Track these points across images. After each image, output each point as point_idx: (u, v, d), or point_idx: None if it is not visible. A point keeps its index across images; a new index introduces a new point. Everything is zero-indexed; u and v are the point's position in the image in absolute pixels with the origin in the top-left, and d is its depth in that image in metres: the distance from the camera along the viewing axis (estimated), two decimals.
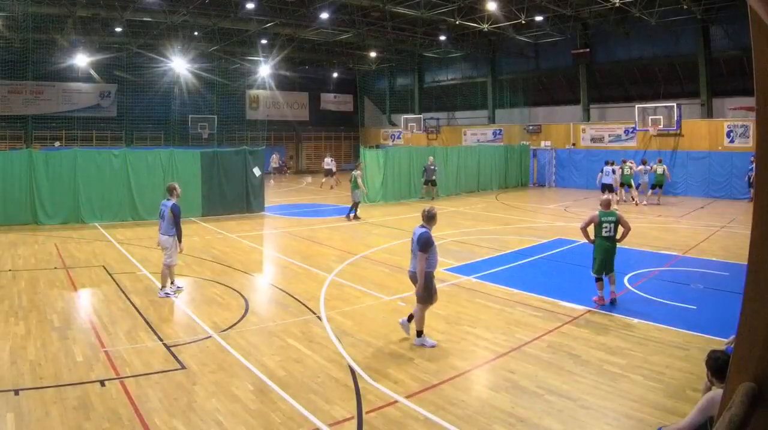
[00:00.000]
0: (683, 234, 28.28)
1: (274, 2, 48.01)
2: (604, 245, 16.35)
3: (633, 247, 24.34)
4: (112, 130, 64.67)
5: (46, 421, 9.44)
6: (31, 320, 14.54)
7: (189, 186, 32.38)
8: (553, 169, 54.45)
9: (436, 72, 70.88)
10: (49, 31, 52.50)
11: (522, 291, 17.80)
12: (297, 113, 77.46)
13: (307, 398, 10.48)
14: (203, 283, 18.84)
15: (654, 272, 20.62)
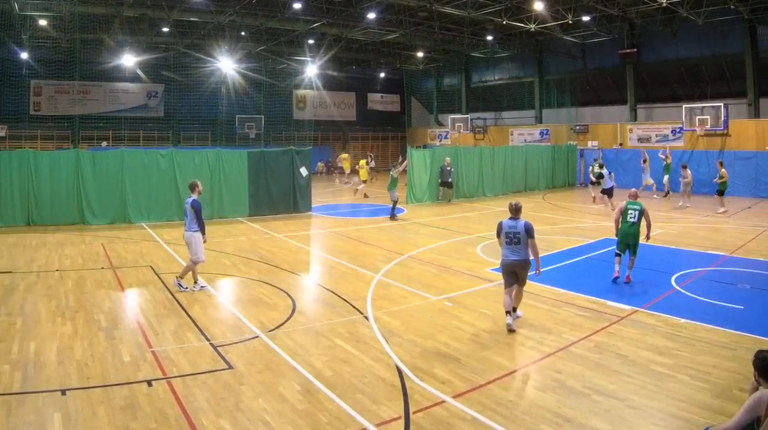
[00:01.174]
0: (730, 234, 27.94)
1: (321, 2, 48.15)
2: (626, 230, 18.81)
3: (680, 247, 24.33)
4: (159, 130, 65.27)
5: (93, 421, 9.51)
6: (78, 320, 14.67)
7: (236, 186, 32.63)
8: None
9: (483, 72, 70.57)
10: (96, 31, 52.99)
11: (569, 291, 17.77)
12: (344, 113, 77.75)
13: (354, 398, 10.48)
14: (250, 283, 18.90)
15: (701, 272, 20.42)
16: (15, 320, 14.67)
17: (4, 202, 28.83)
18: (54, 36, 54.20)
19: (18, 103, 57.03)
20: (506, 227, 14.53)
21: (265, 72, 67.62)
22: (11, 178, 28.86)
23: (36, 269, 20.32)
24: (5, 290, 17.56)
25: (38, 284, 18.41)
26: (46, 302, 16.28)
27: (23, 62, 56.92)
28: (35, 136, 59.49)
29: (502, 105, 67.91)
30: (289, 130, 70.87)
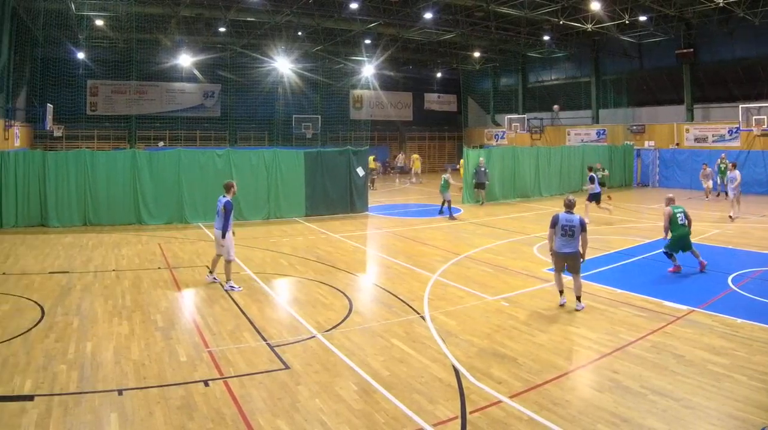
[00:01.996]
0: None
1: (377, 2, 48.33)
2: (682, 231, 19.63)
3: (737, 247, 24.09)
4: (216, 130, 65.76)
5: (150, 421, 9.56)
6: (135, 320, 14.79)
7: (292, 186, 32.77)
8: (657, 169, 53.60)
9: (540, 72, 70.24)
10: (152, 31, 53.62)
11: (626, 291, 17.72)
12: (401, 113, 77.73)
13: (410, 398, 10.48)
14: (307, 283, 18.92)
15: (758, 271, 20.16)
16: (72, 320, 14.81)
17: (61, 202, 29.26)
18: (111, 36, 54.82)
19: (75, 103, 57.66)
20: (563, 220, 15.99)
21: (321, 72, 67.89)
22: (68, 179, 29.27)
23: (93, 269, 20.54)
24: (62, 289, 17.76)
25: (95, 284, 18.60)
26: (102, 302, 16.43)
27: (80, 62, 57.58)
28: (92, 136, 60.22)
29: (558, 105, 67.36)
30: (346, 130, 71.09)
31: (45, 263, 21.34)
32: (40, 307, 15.82)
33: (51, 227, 28.84)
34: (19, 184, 28.75)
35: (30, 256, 22.63)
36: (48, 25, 46.95)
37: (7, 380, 10.96)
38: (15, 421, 9.43)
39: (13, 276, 19.32)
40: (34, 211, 29.13)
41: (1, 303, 16.15)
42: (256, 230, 29.13)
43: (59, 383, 10.94)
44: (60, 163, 29.32)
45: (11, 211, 28.69)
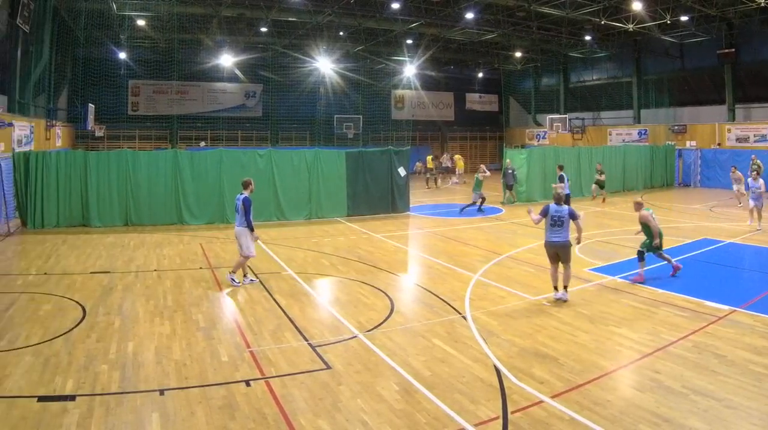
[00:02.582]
0: None
1: (419, 2, 48.42)
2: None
3: None
4: (258, 130, 66.12)
5: (192, 421, 9.60)
6: (177, 320, 14.87)
7: (334, 186, 32.81)
8: (698, 169, 53.18)
9: (582, 72, 69.94)
10: (194, 31, 54.01)
11: (667, 291, 17.62)
12: (442, 113, 77.73)
13: (452, 398, 10.47)
14: (348, 283, 18.93)
15: None
16: (113, 319, 14.91)
17: (103, 202, 29.51)
18: (152, 36, 55.37)
19: (116, 103, 58.23)
20: (552, 211, 16.71)
21: (363, 72, 68.06)
22: (110, 179, 29.53)
23: (134, 268, 20.67)
24: (104, 289, 17.88)
25: (136, 283, 18.73)
26: (144, 302, 16.53)
27: (121, 62, 58.20)
28: (133, 136, 60.81)
29: (600, 105, 67.28)
30: (388, 130, 71.11)
31: (87, 263, 21.52)
32: (81, 307, 15.94)
33: (93, 227, 29.09)
34: (60, 185, 29.01)
35: (72, 256, 22.83)
36: (89, 25, 47.48)
37: (49, 380, 11.05)
38: (56, 421, 9.50)
39: (54, 276, 19.50)
40: (76, 211, 29.38)
41: (43, 303, 16.31)
42: (298, 230, 29.24)
43: (101, 383, 11.00)
44: (101, 164, 29.56)
45: (53, 212, 28.97)
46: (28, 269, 20.45)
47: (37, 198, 28.66)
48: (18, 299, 16.72)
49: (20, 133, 34.11)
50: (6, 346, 12.82)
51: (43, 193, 28.69)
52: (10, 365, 11.73)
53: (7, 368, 11.57)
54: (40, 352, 12.49)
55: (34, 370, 11.53)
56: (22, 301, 16.53)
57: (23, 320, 14.73)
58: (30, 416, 9.67)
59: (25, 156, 28.89)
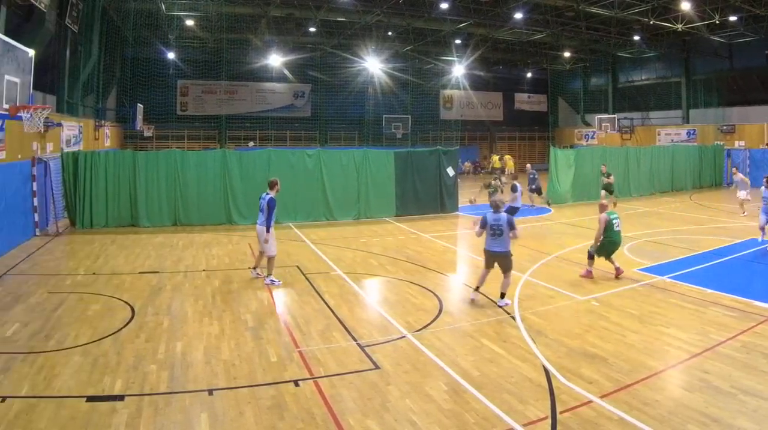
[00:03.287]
0: None
1: (468, 2, 48.48)
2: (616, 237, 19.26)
3: None
4: (306, 129, 66.55)
5: (240, 421, 9.62)
6: (225, 320, 14.92)
7: (383, 186, 32.78)
8: (747, 169, 52.15)
9: (630, 72, 69.65)
10: (243, 31, 54.32)
11: (715, 291, 17.49)
12: (491, 113, 77.72)
13: (501, 398, 10.48)
14: (397, 283, 18.90)
15: None
16: (162, 319, 15.01)
17: (152, 202, 29.73)
18: (201, 36, 55.81)
19: (165, 103, 58.86)
20: (491, 220, 16.55)
21: (411, 72, 68.13)
22: (158, 179, 29.74)
23: (183, 268, 20.79)
24: (152, 289, 18.01)
25: (185, 283, 18.85)
26: (192, 302, 16.63)
27: (170, 62, 58.84)
28: (182, 136, 61.41)
29: (648, 105, 66.99)
30: (436, 130, 71.19)
31: (135, 263, 21.69)
32: (130, 307, 16.06)
33: (141, 227, 29.31)
34: (109, 185, 29.24)
35: (120, 256, 23.02)
36: (138, 25, 47.95)
37: (98, 380, 11.13)
38: (105, 421, 9.56)
39: (103, 276, 19.67)
40: (125, 211, 29.60)
41: (92, 303, 16.44)
42: (347, 230, 29.27)
43: (149, 383, 11.07)
44: (150, 164, 29.78)
45: (102, 212, 29.21)
46: (77, 269, 20.64)
47: (86, 198, 28.95)
48: (67, 299, 16.86)
49: (69, 133, 34.44)
50: (55, 346, 12.94)
51: (91, 193, 28.97)
52: (59, 365, 11.84)
53: (56, 368, 11.69)
54: (88, 352, 12.59)
55: (83, 370, 11.62)
56: (71, 301, 16.67)
57: (72, 320, 14.84)
58: (79, 416, 9.74)
59: (73, 156, 29.20)
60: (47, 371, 11.55)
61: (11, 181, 23.70)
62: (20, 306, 16.03)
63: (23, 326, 14.21)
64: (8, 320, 14.73)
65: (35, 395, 10.47)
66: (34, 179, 26.24)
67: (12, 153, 23.87)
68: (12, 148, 23.81)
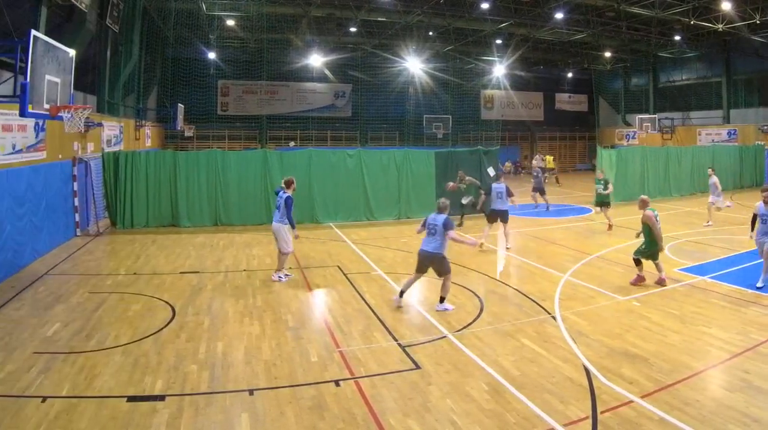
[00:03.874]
0: None
1: (508, 2, 48.47)
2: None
3: None
4: (347, 129, 66.66)
5: (281, 421, 9.68)
6: (266, 320, 14.98)
7: (423, 186, 32.75)
8: None
9: (671, 72, 69.08)
10: (283, 31, 54.46)
11: (755, 291, 17.35)
12: (531, 113, 77.41)
13: (541, 398, 10.54)
14: (438, 283, 18.62)
15: None
16: (203, 319, 15.10)
17: (192, 202, 29.91)
18: (241, 36, 56.12)
19: (206, 103, 59.23)
20: (429, 220, 16.25)
21: (452, 72, 67.99)
22: (199, 179, 29.92)
23: (224, 268, 20.89)
24: (193, 289, 18.12)
25: (226, 283, 18.95)
26: (233, 302, 16.70)
27: (211, 62, 59.18)
28: (222, 136, 61.73)
29: (689, 105, 66.54)
30: (477, 130, 70.99)
31: (176, 263, 21.85)
32: (171, 307, 16.19)
33: (182, 227, 29.48)
34: (150, 185, 29.49)
35: (161, 256, 23.21)
36: (179, 25, 48.31)
37: (138, 380, 11.23)
38: (146, 421, 9.66)
39: (144, 276, 19.83)
40: (165, 211, 29.82)
41: (133, 303, 16.59)
42: (387, 230, 29.27)
43: (190, 383, 11.16)
44: (191, 164, 29.98)
45: (142, 212, 29.47)
46: (118, 269, 20.83)
47: (127, 198, 29.21)
48: (108, 298, 17.01)
49: (110, 133, 34.70)
50: (96, 346, 13.06)
51: (132, 193, 29.22)
52: (100, 365, 11.95)
53: (97, 368, 11.80)
54: (129, 352, 12.70)
55: (124, 370, 11.73)
56: (112, 301, 16.82)
57: (113, 320, 14.99)
58: (119, 416, 9.84)
59: (114, 156, 29.47)
60: (88, 370, 11.67)
61: (52, 181, 23.91)
62: (61, 306, 16.22)
63: (64, 326, 14.37)
64: (49, 319, 14.91)
65: (76, 395, 10.58)
66: (74, 179, 26.48)
67: (53, 153, 24.08)
68: (53, 149, 24.03)
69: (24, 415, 9.81)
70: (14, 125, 19.95)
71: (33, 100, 14.96)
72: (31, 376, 11.37)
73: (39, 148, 22.51)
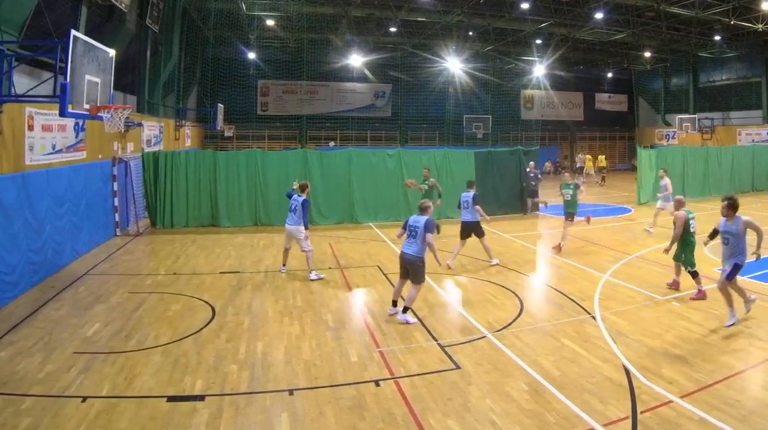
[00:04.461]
0: None
1: (548, 2, 48.46)
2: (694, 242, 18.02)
3: None
4: (387, 130, 66.78)
5: (321, 421, 9.71)
6: (306, 320, 15.01)
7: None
8: None
9: (711, 72, 68.58)
10: (323, 31, 54.65)
11: None
12: (571, 113, 77.10)
13: (581, 398, 10.55)
14: (478, 283, 18.86)
15: None
16: (242, 319, 15.17)
17: (232, 202, 30.05)
18: (281, 36, 56.32)
19: (245, 103, 59.53)
20: (410, 221, 15.61)
21: (492, 72, 68.00)
22: (239, 179, 30.05)
23: (263, 268, 20.96)
24: (233, 289, 18.20)
25: (266, 283, 19.04)
26: (273, 302, 16.76)
27: (250, 62, 59.44)
28: (262, 136, 62.03)
29: (729, 105, 66.11)
30: (517, 130, 70.87)
31: (216, 263, 21.97)
32: (210, 307, 16.27)
33: (222, 227, 29.62)
34: (190, 185, 29.68)
35: (201, 256, 23.34)
36: (219, 25, 48.68)
37: (178, 380, 11.30)
38: (186, 421, 9.73)
39: (184, 276, 19.96)
40: (205, 211, 29.97)
41: (173, 303, 16.70)
42: None
43: (230, 383, 11.21)
44: (231, 164, 30.11)
45: (182, 212, 29.67)
46: (158, 269, 20.98)
47: (167, 198, 29.42)
48: (147, 298, 17.14)
49: (149, 133, 34.91)
50: (135, 346, 13.16)
51: (172, 193, 29.42)
52: (140, 365, 12.04)
53: (137, 368, 11.88)
54: (169, 352, 12.79)
55: (164, 370, 11.81)
56: (152, 301, 16.95)
57: (153, 320, 15.10)
58: (159, 416, 9.92)
59: (154, 156, 29.69)
60: (128, 371, 11.76)
61: (92, 181, 24.09)
62: (101, 306, 16.35)
63: (104, 326, 14.49)
64: (89, 319, 15.04)
65: (116, 395, 10.67)
66: (114, 179, 26.69)
67: (93, 153, 24.25)
68: (93, 149, 24.20)
69: (64, 415, 9.89)
70: (54, 125, 20.11)
71: (73, 100, 15.05)
72: (71, 376, 11.47)
73: (79, 148, 22.68)
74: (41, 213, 18.93)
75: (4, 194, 16.36)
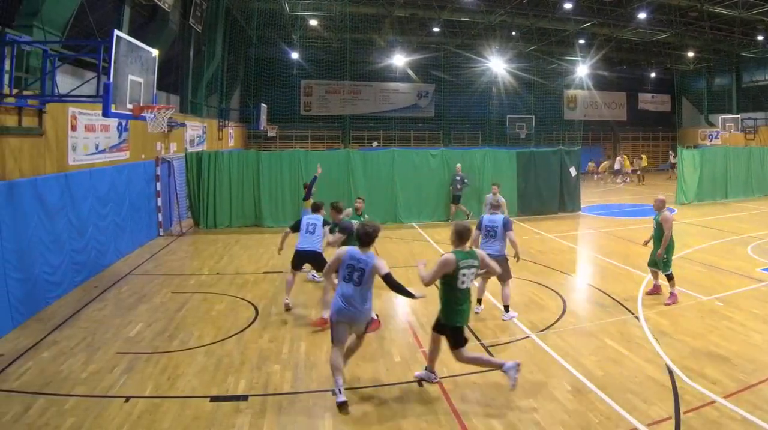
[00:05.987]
0: None
1: (591, 2, 48.33)
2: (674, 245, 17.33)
3: None
4: (430, 130, 66.70)
5: (364, 421, 9.74)
6: None
7: (505, 185, 32.47)
8: None
9: (754, 72, 67.90)
10: (366, 31, 54.64)
11: None
12: (614, 113, 76.53)
13: (624, 398, 10.59)
14: (521, 283, 18.78)
15: None
16: (285, 319, 15.23)
17: (275, 202, 30.16)
18: (324, 36, 56.43)
19: (289, 103, 59.52)
20: (486, 222, 15.60)
21: (535, 72, 67.57)
22: (282, 179, 30.17)
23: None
24: (277, 289, 18.27)
25: (309, 283, 19.18)
26: (316, 302, 16.67)
27: (294, 62, 59.54)
28: (305, 136, 62.19)
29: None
30: (560, 130, 70.61)
31: (259, 263, 22.07)
32: (254, 307, 16.37)
33: (265, 227, 29.67)
34: (233, 185, 29.80)
35: (244, 256, 23.44)
36: (262, 25, 48.77)
37: (222, 380, 11.37)
38: (229, 421, 9.78)
39: (227, 276, 20.07)
40: (249, 211, 30.11)
41: (216, 303, 16.81)
42: None
43: (273, 383, 11.27)
44: (274, 163, 30.21)
45: (225, 212, 29.78)
46: (201, 269, 21.12)
47: (210, 198, 29.54)
48: (191, 298, 17.26)
49: (193, 133, 35.08)
50: (179, 346, 13.26)
51: (215, 193, 29.55)
52: (183, 365, 12.13)
53: (180, 368, 11.98)
54: (212, 352, 12.87)
55: (207, 370, 11.88)
56: (195, 301, 17.07)
57: (196, 320, 15.20)
58: (203, 415, 9.98)
59: (197, 156, 29.84)
60: (171, 370, 11.85)
61: (135, 181, 24.24)
62: (144, 306, 16.49)
63: (147, 326, 14.62)
64: (132, 319, 15.17)
65: (159, 395, 10.76)
66: (157, 179, 26.87)
67: (136, 153, 24.41)
68: (136, 148, 24.36)
69: (107, 415, 9.98)
70: (97, 125, 20.26)
71: (116, 100, 15.13)
72: (114, 376, 11.56)
73: (122, 148, 22.84)
74: (84, 213, 19.06)
75: (47, 194, 16.48)
